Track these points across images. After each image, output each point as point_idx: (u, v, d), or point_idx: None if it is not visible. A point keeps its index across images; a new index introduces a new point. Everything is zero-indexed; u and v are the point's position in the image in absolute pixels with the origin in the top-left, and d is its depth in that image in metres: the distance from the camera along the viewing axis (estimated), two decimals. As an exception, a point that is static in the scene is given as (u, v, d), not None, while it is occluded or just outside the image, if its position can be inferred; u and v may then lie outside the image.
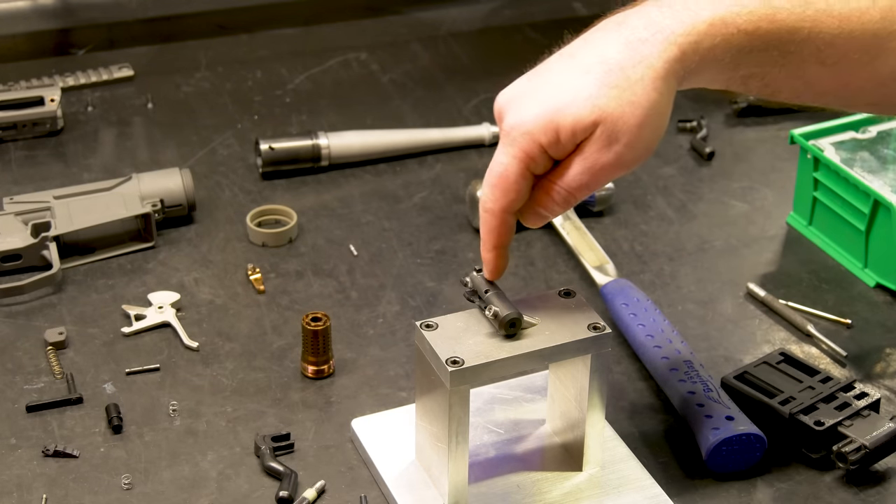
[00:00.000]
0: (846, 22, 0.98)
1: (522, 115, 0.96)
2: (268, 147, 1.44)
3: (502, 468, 1.07)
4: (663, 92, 0.94)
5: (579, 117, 0.94)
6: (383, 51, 1.69)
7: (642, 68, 0.94)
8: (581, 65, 0.96)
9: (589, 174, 0.95)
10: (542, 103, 0.96)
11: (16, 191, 1.39)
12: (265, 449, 1.08)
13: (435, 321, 0.99)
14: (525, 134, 0.96)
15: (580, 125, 0.94)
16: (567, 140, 0.95)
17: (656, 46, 0.94)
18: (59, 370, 1.17)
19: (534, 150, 0.96)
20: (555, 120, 0.94)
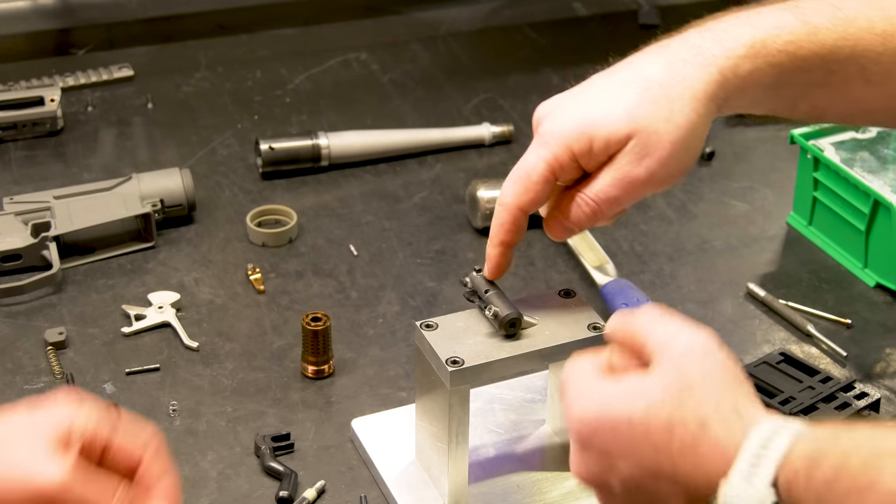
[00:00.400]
0: (890, 39, 0.96)
1: (558, 122, 0.96)
2: (268, 147, 1.44)
3: (502, 468, 1.07)
4: (701, 113, 0.94)
5: (614, 128, 0.94)
6: (383, 51, 1.69)
7: (681, 88, 0.93)
8: (621, 80, 0.96)
9: (619, 186, 0.95)
10: (579, 113, 0.96)
11: (16, 191, 1.39)
12: (265, 449, 1.08)
13: (435, 321, 0.99)
14: (558, 138, 0.95)
15: (614, 137, 0.94)
16: (600, 151, 0.95)
17: (696, 68, 0.94)
18: (59, 370, 1.17)
19: (564, 156, 0.95)
20: (589, 129, 0.94)
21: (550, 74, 1.65)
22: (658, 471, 0.81)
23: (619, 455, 0.82)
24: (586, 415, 0.83)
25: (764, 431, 0.77)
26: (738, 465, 0.77)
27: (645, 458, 0.81)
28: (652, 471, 0.81)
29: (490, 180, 1.37)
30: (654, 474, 0.81)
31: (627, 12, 1.79)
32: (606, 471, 0.84)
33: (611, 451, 0.83)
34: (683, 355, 0.82)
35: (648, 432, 0.81)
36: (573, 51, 1.70)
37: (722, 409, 0.80)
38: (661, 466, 0.81)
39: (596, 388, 0.84)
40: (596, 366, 0.86)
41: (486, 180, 1.37)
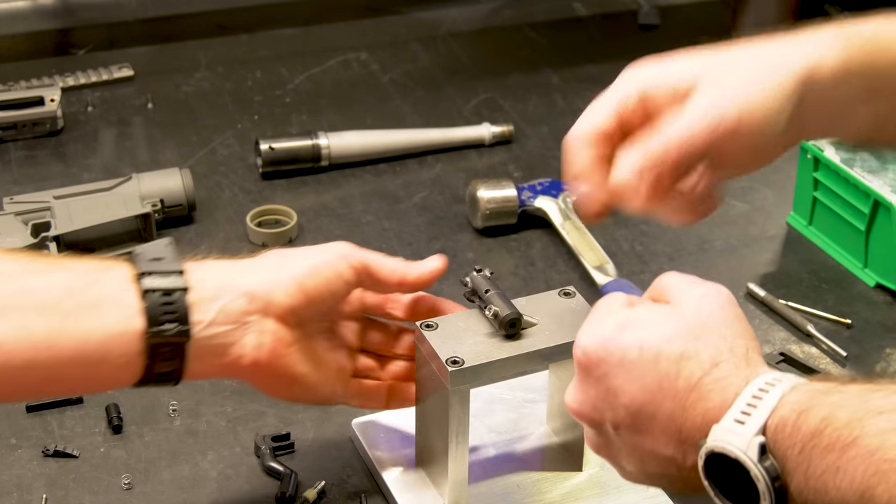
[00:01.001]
0: None
1: (638, 68, 0.93)
2: (268, 147, 1.44)
3: (502, 468, 1.07)
4: (784, 86, 0.90)
5: (688, 66, 0.91)
6: (383, 51, 1.69)
7: (769, 61, 0.91)
8: (711, 51, 0.93)
9: (680, 141, 0.89)
10: (659, 62, 0.92)
11: (16, 191, 1.39)
12: (265, 449, 1.08)
13: (435, 321, 0.99)
14: (632, 80, 0.92)
15: (686, 76, 0.90)
16: (670, 91, 0.90)
17: (787, 54, 0.91)
18: (59, 370, 1.17)
19: (632, 99, 0.92)
20: (663, 70, 0.92)
21: (550, 74, 1.64)
22: (657, 405, 0.82)
23: (621, 384, 0.83)
24: (596, 341, 0.85)
25: (763, 380, 0.79)
26: (732, 409, 0.79)
27: (647, 388, 0.82)
28: (651, 404, 0.82)
29: (490, 180, 1.37)
30: (653, 409, 0.82)
31: (627, 12, 1.79)
32: (603, 407, 0.85)
33: (614, 380, 0.84)
34: (702, 297, 0.85)
35: (657, 360, 0.82)
36: (573, 51, 1.70)
37: (735, 353, 0.82)
38: (663, 400, 0.82)
39: (611, 317, 0.86)
40: (619, 301, 0.88)
41: (486, 180, 1.37)
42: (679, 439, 0.82)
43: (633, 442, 0.85)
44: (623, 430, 0.85)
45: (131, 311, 0.89)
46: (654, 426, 0.83)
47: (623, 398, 0.84)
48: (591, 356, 0.85)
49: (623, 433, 0.85)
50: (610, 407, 0.85)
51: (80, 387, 0.90)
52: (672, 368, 0.82)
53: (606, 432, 0.87)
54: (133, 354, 0.89)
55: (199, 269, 0.93)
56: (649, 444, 0.84)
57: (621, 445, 0.86)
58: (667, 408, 0.82)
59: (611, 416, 0.85)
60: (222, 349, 0.92)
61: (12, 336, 0.85)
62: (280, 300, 0.94)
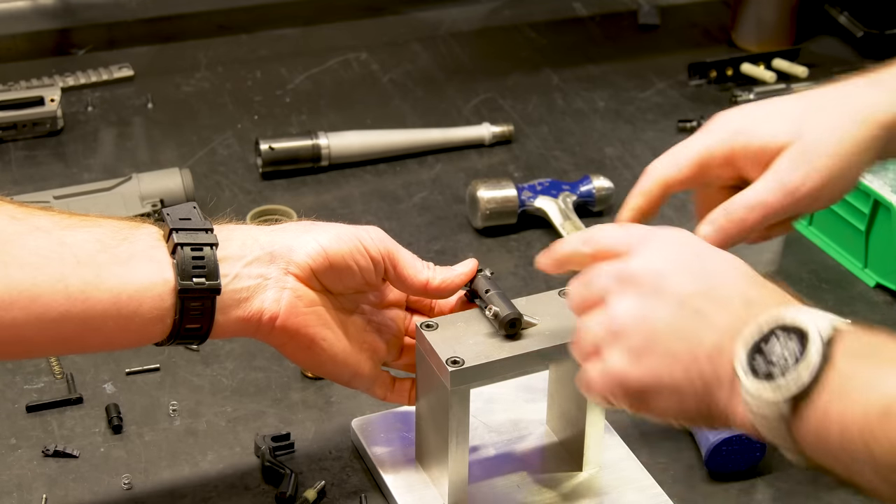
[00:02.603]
0: None
1: (728, 116, 0.98)
2: (268, 147, 1.44)
3: (502, 468, 1.07)
4: (867, 135, 0.95)
5: (775, 132, 0.96)
6: (383, 51, 1.69)
7: (853, 105, 0.95)
8: (795, 95, 0.99)
9: (773, 192, 0.95)
10: (747, 115, 0.98)
11: (16, 191, 1.39)
12: (265, 449, 1.08)
13: (435, 321, 0.99)
14: (721, 130, 0.97)
15: (774, 140, 0.95)
16: (757, 152, 0.96)
17: (874, 93, 0.96)
18: (59, 370, 1.17)
19: (720, 147, 0.97)
20: (752, 128, 0.96)
21: (550, 74, 1.65)
22: (713, 286, 0.83)
23: (675, 271, 0.84)
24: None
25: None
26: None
27: (702, 276, 0.84)
28: (708, 286, 0.83)
29: (490, 180, 1.37)
30: (708, 290, 0.83)
31: (627, 12, 1.79)
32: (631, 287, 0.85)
33: (667, 265, 0.85)
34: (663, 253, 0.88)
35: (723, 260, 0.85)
36: (573, 51, 1.70)
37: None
38: (719, 284, 0.83)
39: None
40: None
41: (486, 180, 1.37)
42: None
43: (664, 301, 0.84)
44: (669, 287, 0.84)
45: (163, 265, 0.92)
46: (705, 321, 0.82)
47: (673, 287, 0.84)
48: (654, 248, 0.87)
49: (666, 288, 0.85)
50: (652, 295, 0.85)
51: (112, 341, 0.92)
52: (741, 269, 0.84)
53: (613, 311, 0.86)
54: (165, 308, 0.91)
55: (225, 228, 0.96)
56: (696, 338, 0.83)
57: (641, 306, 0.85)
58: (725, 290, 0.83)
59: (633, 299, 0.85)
60: (245, 303, 0.95)
61: (49, 288, 0.88)
62: (301, 259, 0.96)
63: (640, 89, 1.62)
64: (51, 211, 0.93)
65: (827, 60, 1.66)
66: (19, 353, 0.99)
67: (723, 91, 1.60)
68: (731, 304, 0.82)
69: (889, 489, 0.74)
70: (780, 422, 0.77)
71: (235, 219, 0.99)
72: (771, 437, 0.79)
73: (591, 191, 1.38)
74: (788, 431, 0.77)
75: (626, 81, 1.63)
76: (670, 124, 1.55)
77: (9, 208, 0.91)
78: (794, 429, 0.77)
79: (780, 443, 0.79)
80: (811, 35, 1.71)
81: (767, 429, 0.79)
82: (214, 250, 0.93)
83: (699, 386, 0.82)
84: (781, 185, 0.94)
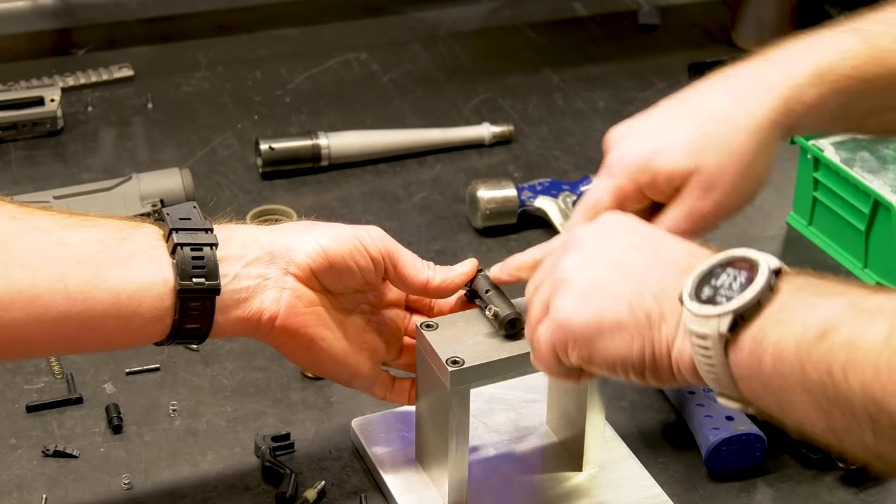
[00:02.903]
0: None
1: (624, 153, 0.98)
2: (268, 147, 1.44)
3: (502, 468, 1.07)
4: (764, 142, 0.95)
5: (676, 164, 0.95)
6: (383, 51, 1.69)
7: (744, 118, 0.94)
8: (684, 111, 0.97)
9: (688, 221, 0.96)
10: (643, 146, 0.97)
11: (16, 191, 1.39)
12: (265, 449, 1.08)
13: (435, 321, 0.99)
14: (623, 170, 0.97)
15: (677, 172, 0.95)
16: (664, 184, 0.96)
17: (760, 97, 0.94)
18: (59, 370, 1.17)
19: (628, 188, 0.97)
20: (653, 163, 0.96)
21: (550, 74, 1.64)
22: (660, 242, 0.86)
23: (621, 230, 0.88)
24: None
25: None
26: None
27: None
28: (655, 239, 0.87)
29: (490, 180, 1.37)
30: (656, 242, 0.86)
31: (627, 12, 1.79)
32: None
33: (614, 228, 0.88)
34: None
35: None
36: (573, 51, 1.70)
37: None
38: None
39: None
40: None
41: (486, 180, 1.37)
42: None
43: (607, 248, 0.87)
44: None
45: (163, 265, 0.92)
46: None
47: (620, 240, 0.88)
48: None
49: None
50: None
51: (111, 341, 0.93)
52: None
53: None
54: (164, 308, 0.92)
55: (225, 228, 0.96)
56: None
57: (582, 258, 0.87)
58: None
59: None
60: (244, 303, 0.95)
61: (48, 288, 0.88)
62: (300, 259, 0.96)
63: (640, 89, 1.62)
64: (50, 211, 0.93)
65: (827, 60, 1.65)
66: (19, 353, 0.99)
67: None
68: (678, 252, 0.85)
69: (818, 415, 0.74)
70: (718, 344, 0.77)
71: (235, 219, 0.99)
72: (707, 370, 0.79)
73: (591, 191, 1.38)
74: (724, 360, 0.77)
75: (626, 81, 1.63)
76: (670, 124, 1.55)
77: (8, 208, 0.91)
78: (730, 355, 0.77)
79: (714, 376, 0.79)
80: (811, 35, 1.71)
81: (704, 360, 0.78)
82: (214, 250, 0.93)
83: (643, 322, 0.82)
84: (691, 213, 0.96)
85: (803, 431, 0.76)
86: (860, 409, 0.71)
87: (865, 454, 0.73)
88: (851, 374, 0.71)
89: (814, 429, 0.75)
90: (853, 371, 0.71)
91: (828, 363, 0.72)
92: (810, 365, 0.73)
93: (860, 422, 0.71)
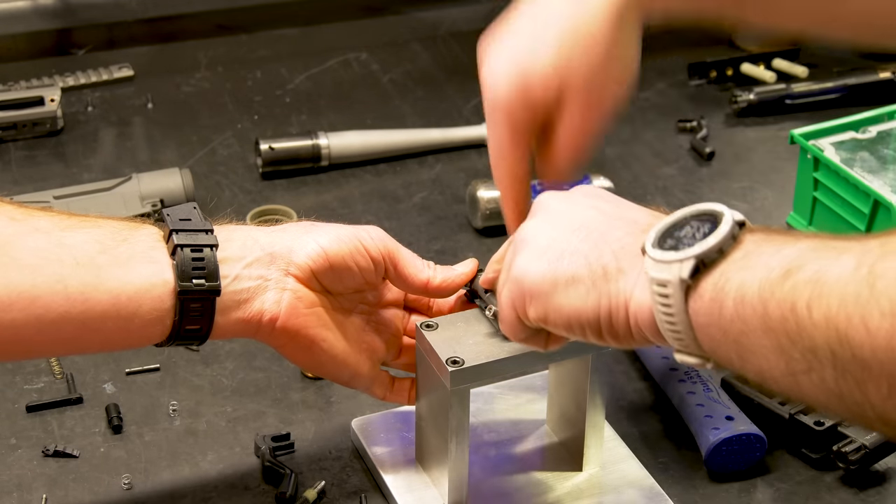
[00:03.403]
0: None
1: (495, 86, 0.97)
2: (268, 147, 1.44)
3: (502, 468, 1.07)
4: (623, 27, 0.95)
5: (546, 82, 0.95)
6: (383, 51, 1.69)
7: (593, 13, 0.94)
8: (541, 22, 0.96)
9: (582, 126, 0.96)
10: (510, 70, 0.96)
11: (16, 191, 1.38)
12: (265, 449, 1.08)
13: (435, 321, 0.99)
14: (503, 109, 0.97)
15: (550, 89, 0.95)
16: (542, 104, 0.96)
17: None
18: (59, 370, 1.17)
19: (514, 118, 0.96)
20: (524, 88, 0.95)
21: (550, 74, 1.64)
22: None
23: (585, 196, 0.89)
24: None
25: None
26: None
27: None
28: (617, 204, 0.88)
29: (490, 180, 1.37)
30: (617, 206, 0.87)
31: (627, 12, 1.79)
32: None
33: (577, 195, 0.90)
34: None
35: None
36: (573, 51, 1.70)
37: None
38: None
39: None
40: None
41: (486, 180, 1.37)
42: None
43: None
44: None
45: (162, 266, 0.92)
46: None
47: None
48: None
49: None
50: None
51: (111, 342, 0.93)
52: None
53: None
54: (164, 310, 0.91)
55: (225, 229, 0.96)
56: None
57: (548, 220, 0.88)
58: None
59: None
60: (245, 305, 0.95)
61: (48, 289, 0.88)
62: (301, 261, 0.96)
63: (640, 89, 1.61)
64: (50, 212, 0.93)
65: (827, 60, 1.65)
66: (19, 354, 0.99)
67: (723, 91, 1.60)
68: (641, 214, 0.85)
69: (778, 358, 0.72)
70: (679, 291, 0.76)
71: (235, 219, 1.00)
72: (665, 321, 0.77)
73: (591, 191, 1.38)
74: (684, 307, 0.76)
75: (626, 81, 1.63)
76: (670, 124, 1.55)
77: (8, 209, 0.91)
78: (690, 303, 0.76)
79: (672, 327, 0.77)
80: (811, 35, 1.71)
81: (664, 309, 0.77)
82: (214, 251, 0.93)
83: (599, 275, 0.81)
84: (582, 120, 0.96)
85: (762, 378, 0.74)
86: (822, 344, 0.69)
87: (825, 396, 0.71)
88: (816, 308, 0.69)
89: (773, 374, 0.73)
90: (818, 305, 0.69)
91: (792, 300, 0.70)
92: (773, 303, 0.71)
93: (821, 359, 0.69)
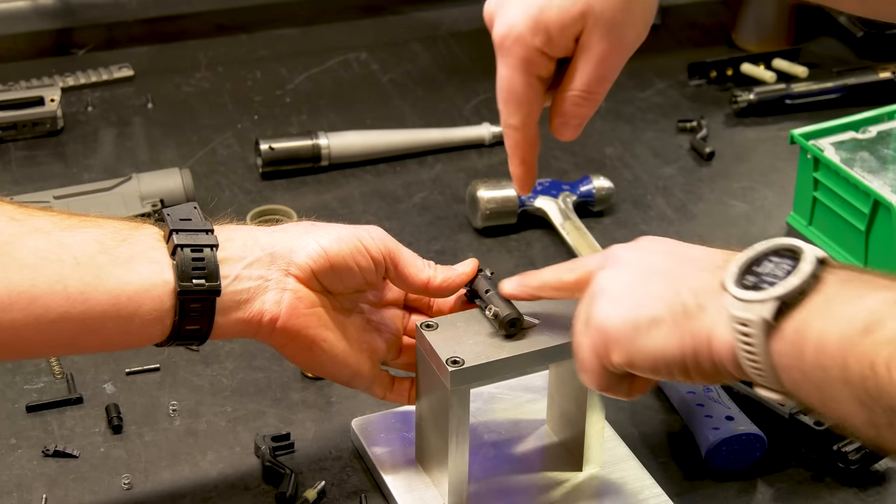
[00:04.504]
0: None
1: (510, 20, 0.95)
2: (268, 147, 1.44)
3: (502, 468, 1.07)
4: None
5: (565, 11, 0.93)
6: (383, 51, 1.69)
7: None
8: None
9: (599, 67, 0.95)
10: (526, 4, 0.94)
11: (16, 191, 1.39)
12: (265, 449, 1.08)
13: (435, 321, 0.99)
14: (516, 41, 0.95)
15: (568, 19, 0.93)
16: (560, 36, 0.94)
17: None
18: (59, 370, 1.17)
19: (530, 55, 0.95)
20: (542, 20, 0.94)
21: (550, 74, 1.64)
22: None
23: (658, 249, 0.88)
24: None
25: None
26: None
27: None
28: (690, 254, 0.86)
29: (490, 180, 1.37)
30: (691, 255, 0.86)
31: (627, 12, 1.79)
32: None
33: (651, 246, 0.89)
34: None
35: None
36: (573, 51, 1.70)
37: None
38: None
39: None
40: None
41: (486, 180, 1.37)
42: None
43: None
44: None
45: (163, 266, 0.92)
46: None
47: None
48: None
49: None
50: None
51: (111, 342, 0.93)
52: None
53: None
54: (164, 310, 0.91)
55: (225, 229, 0.96)
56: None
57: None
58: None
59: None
60: (245, 305, 0.95)
61: (48, 289, 0.88)
62: (301, 261, 0.96)
63: (640, 89, 1.62)
64: (50, 212, 0.93)
65: (827, 60, 1.66)
66: (19, 353, 0.99)
67: (723, 91, 1.60)
68: (712, 254, 0.85)
69: (859, 409, 0.72)
70: (761, 331, 0.76)
71: (235, 219, 0.99)
72: (747, 359, 0.78)
73: (591, 191, 1.38)
74: (766, 348, 0.76)
75: (626, 81, 1.63)
76: (670, 124, 1.55)
77: (8, 209, 0.91)
78: (772, 343, 0.76)
79: (755, 365, 0.78)
80: (811, 35, 1.71)
81: (746, 347, 0.77)
82: (215, 251, 0.93)
83: (679, 314, 0.82)
84: (601, 58, 0.95)
85: (844, 425, 0.75)
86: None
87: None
88: (895, 369, 0.70)
89: (854, 423, 0.74)
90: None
91: (871, 358, 0.71)
92: (853, 358, 0.72)
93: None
